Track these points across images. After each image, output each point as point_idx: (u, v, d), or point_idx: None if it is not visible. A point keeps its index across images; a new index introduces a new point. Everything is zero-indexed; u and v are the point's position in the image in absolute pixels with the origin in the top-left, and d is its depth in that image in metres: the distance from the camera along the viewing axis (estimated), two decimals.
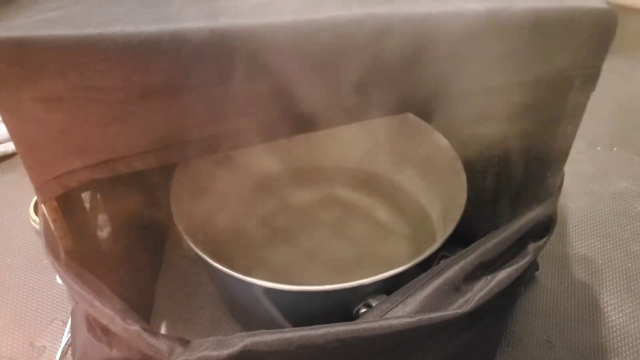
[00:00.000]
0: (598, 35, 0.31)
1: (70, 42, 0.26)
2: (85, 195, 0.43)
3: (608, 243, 0.63)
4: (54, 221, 0.34)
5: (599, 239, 0.64)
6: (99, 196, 0.46)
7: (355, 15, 0.28)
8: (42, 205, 0.34)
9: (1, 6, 0.27)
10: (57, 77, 0.27)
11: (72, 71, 0.27)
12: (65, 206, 0.35)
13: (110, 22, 0.27)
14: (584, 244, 0.63)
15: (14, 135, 0.30)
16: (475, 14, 0.29)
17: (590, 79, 0.33)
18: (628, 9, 1.14)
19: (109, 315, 0.35)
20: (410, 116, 0.57)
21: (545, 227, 0.42)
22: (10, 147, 0.75)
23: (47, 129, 0.29)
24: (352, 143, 0.63)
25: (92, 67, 0.27)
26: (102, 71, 0.27)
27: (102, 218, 0.47)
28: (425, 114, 0.55)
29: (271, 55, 0.28)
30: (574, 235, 0.64)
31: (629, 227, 0.65)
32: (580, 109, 0.35)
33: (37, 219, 0.61)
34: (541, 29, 0.30)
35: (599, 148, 0.78)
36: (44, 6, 0.28)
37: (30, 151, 0.30)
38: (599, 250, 0.62)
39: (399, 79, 0.32)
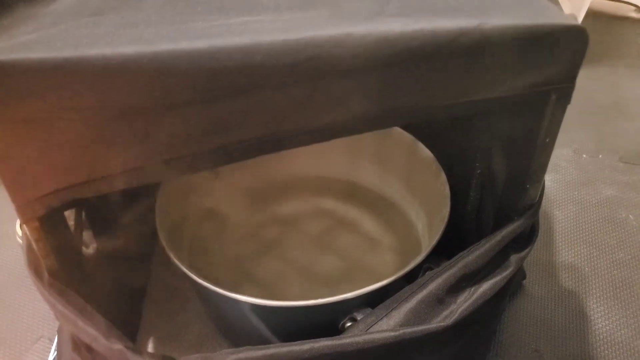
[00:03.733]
0: (570, 52, 0.32)
1: (48, 64, 0.27)
2: (69, 213, 0.43)
3: (594, 250, 0.64)
4: (37, 241, 0.34)
5: (585, 246, 0.64)
6: (83, 214, 0.45)
7: (331, 35, 0.28)
8: (24, 225, 0.34)
9: None
10: (36, 99, 0.27)
11: (51, 93, 0.27)
12: (47, 225, 0.35)
13: (88, 44, 0.27)
14: (570, 252, 0.64)
15: None
16: (449, 32, 0.29)
17: (565, 93, 0.34)
18: (610, 17, 1.16)
19: (92, 334, 0.35)
20: (395, 128, 0.57)
21: (527, 238, 0.42)
22: None
23: (27, 150, 0.29)
24: (338, 155, 0.64)
25: (70, 89, 0.27)
26: (80, 92, 0.28)
27: (86, 235, 0.47)
28: (410, 127, 0.56)
29: (249, 74, 0.28)
30: (560, 243, 0.65)
31: (614, 234, 0.66)
32: (557, 121, 0.36)
33: None
34: (513, 46, 0.31)
35: (584, 155, 0.78)
36: (22, 29, 0.28)
37: (11, 172, 0.30)
38: (586, 258, 0.63)
39: (380, 95, 0.32)
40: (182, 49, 0.28)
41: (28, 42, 0.27)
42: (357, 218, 0.63)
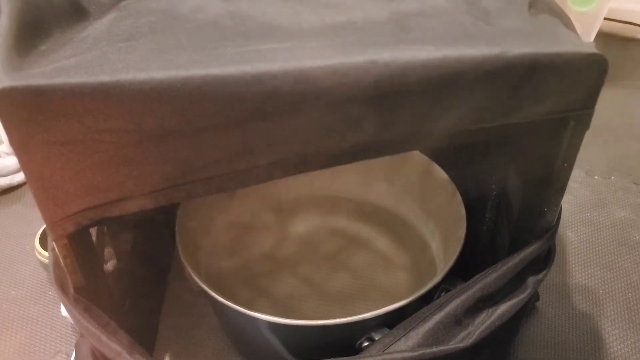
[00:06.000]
0: (589, 79, 0.33)
1: (85, 89, 0.28)
2: (92, 229, 0.44)
3: (608, 273, 0.63)
4: (65, 258, 0.35)
5: (599, 268, 0.64)
6: (105, 230, 0.46)
7: (357, 62, 0.29)
8: (54, 242, 0.34)
9: (21, 56, 0.29)
10: (73, 121, 0.28)
11: (87, 116, 0.28)
12: (75, 242, 0.35)
13: (123, 69, 0.29)
14: (584, 274, 0.63)
15: (29, 176, 0.31)
16: (472, 59, 0.30)
17: (584, 119, 0.35)
18: (619, 39, 1.17)
19: (116, 350, 0.36)
20: None
21: (544, 261, 0.43)
22: (15, 179, 0.76)
23: (62, 170, 0.30)
24: (353, 175, 0.65)
25: (105, 112, 0.28)
26: (115, 116, 0.29)
27: (107, 251, 0.48)
28: (426, 149, 0.56)
29: (278, 99, 0.29)
30: (574, 265, 0.65)
31: (628, 256, 0.66)
32: (575, 147, 0.36)
33: (43, 251, 0.61)
34: (534, 73, 0.32)
35: (596, 177, 0.78)
36: (60, 54, 0.30)
37: (45, 191, 0.31)
38: (600, 280, 0.63)
39: (403, 120, 0.33)
40: (213, 74, 0.29)
41: (66, 67, 0.29)
42: (371, 237, 0.63)
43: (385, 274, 0.60)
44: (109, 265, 0.49)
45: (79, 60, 0.29)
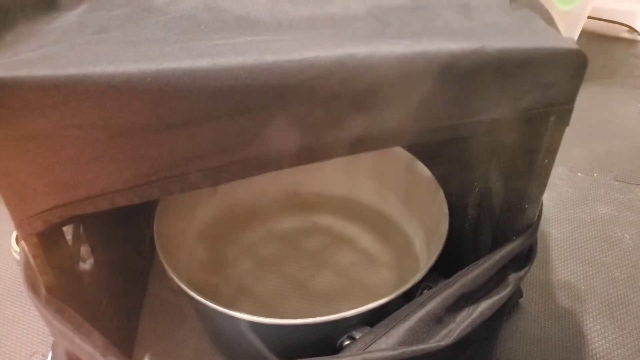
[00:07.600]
0: (569, 74, 0.32)
1: (51, 82, 0.27)
2: (67, 227, 0.43)
3: (590, 269, 0.64)
4: (35, 257, 0.34)
5: (581, 264, 0.64)
6: (81, 228, 0.45)
7: (335, 56, 0.29)
8: (23, 241, 0.33)
9: None
10: (38, 116, 0.27)
11: (53, 110, 0.27)
12: (46, 241, 0.34)
13: (92, 62, 0.28)
14: (566, 270, 0.64)
15: None
16: (452, 54, 0.30)
17: (564, 115, 0.34)
18: (603, 38, 1.18)
19: (89, 351, 0.35)
20: (395, 147, 0.57)
21: (525, 258, 0.42)
22: None
23: (29, 167, 0.29)
24: (337, 172, 0.64)
25: (73, 107, 0.27)
26: (83, 110, 0.28)
27: (84, 250, 0.47)
28: (408, 145, 0.56)
29: (252, 94, 0.29)
30: (556, 261, 0.65)
31: (610, 252, 0.66)
32: (556, 143, 0.36)
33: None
34: (514, 68, 0.31)
35: (579, 174, 0.79)
36: (25, 46, 0.29)
37: (12, 188, 0.30)
38: (582, 276, 0.63)
39: (382, 115, 0.32)
40: (185, 68, 0.28)
41: (31, 59, 0.28)
42: (355, 234, 0.63)
43: (369, 271, 0.59)
44: (86, 264, 0.48)
45: (45, 52, 0.28)
